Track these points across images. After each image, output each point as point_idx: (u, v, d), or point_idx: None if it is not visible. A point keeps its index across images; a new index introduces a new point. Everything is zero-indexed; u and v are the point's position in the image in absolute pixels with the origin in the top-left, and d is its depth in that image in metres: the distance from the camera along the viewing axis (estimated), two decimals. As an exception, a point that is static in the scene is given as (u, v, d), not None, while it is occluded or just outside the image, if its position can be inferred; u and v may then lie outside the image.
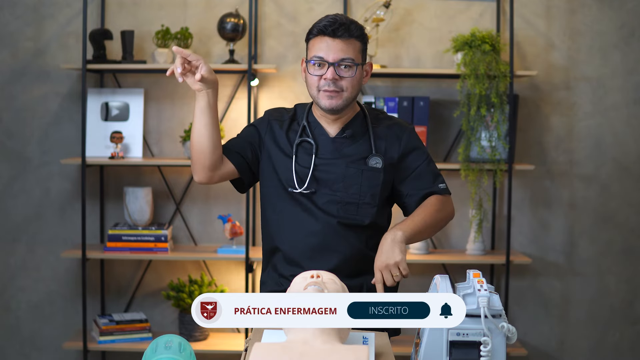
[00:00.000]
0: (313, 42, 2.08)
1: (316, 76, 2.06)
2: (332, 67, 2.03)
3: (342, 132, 2.13)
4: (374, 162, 2.11)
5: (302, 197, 2.10)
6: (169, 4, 3.65)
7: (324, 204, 2.09)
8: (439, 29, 3.68)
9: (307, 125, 2.15)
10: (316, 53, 2.05)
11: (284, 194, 2.12)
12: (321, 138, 2.13)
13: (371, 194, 2.11)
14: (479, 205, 3.51)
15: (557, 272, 3.76)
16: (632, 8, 3.68)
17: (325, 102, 2.06)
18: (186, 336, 3.48)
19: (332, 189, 2.09)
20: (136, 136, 3.59)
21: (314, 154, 2.11)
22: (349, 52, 2.04)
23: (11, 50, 3.65)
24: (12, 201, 3.69)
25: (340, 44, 2.04)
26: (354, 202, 2.10)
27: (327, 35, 2.04)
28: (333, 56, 2.04)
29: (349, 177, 2.10)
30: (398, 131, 2.17)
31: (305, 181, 2.09)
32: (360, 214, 2.10)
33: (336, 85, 2.04)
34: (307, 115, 2.17)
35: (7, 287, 3.71)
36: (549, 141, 3.72)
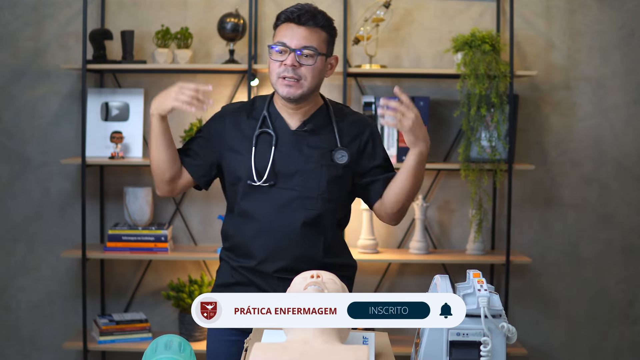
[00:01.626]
0: (279, 29, 2.06)
1: (277, 62, 2.03)
2: (293, 54, 2.01)
3: (303, 124, 2.11)
4: (339, 156, 2.09)
5: (262, 190, 2.08)
6: (169, 4, 3.65)
7: (283, 197, 2.07)
8: (439, 29, 3.68)
9: (268, 116, 2.12)
10: (279, 39, 2.04)
11: (243, 187, 2.10)
12: (281, 130, 2.11)
13: (330, 189, 2.09)
14: (479, 205, 3.51)
15: (557, 272, 3.76)
16: (632, 8, 3.68)
17: (283, 90, 2.04)
18: (186, 336, 3.48)
19: (292, 183, 2.08)
20: (136, 136, 3.59)
21: (274, 146, 2.09)
22: (312, 41, 2.03)
23: (11, 50, 3.65)
24: (12, 201, 3.69)
25: (304, 31, 2.02)
26: (313, 197, 2.08)
27: (292, 22, 2.03)
28: (296, 42, 2.02)
29: (309, 171, 2.08)
30: (361, 127, 2.16)
31: (264, 174, 2.07)
32: (319, 210, 2.08)
33: (295, 72, 2.02)
34: (268, 106, 2.14)
35: (7, 287, 3.71)
36: (549, 141, 3.72)
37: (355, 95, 3.67)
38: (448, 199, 3.72)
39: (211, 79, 3.66)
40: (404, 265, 3.73)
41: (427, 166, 3.52)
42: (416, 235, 3.58)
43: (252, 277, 2.11)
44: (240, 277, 2.13)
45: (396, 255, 3.56)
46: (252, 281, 2.11)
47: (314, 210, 2.08)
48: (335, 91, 3.64)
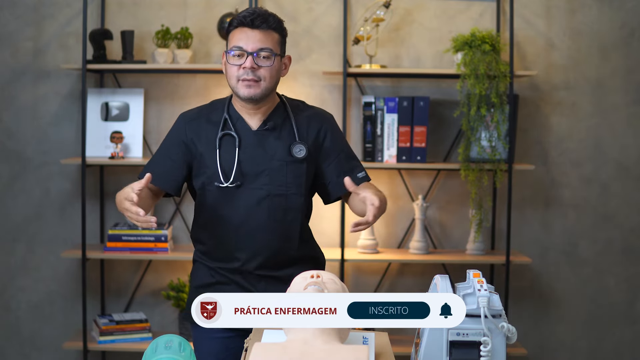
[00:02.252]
0: (233, 34, 2.11)
1: (235, 66, 2.09)
2: (251, 57, 2.07)
3: (264, 124, 2.16)
4: (297, 150, 2.14)
5: (230, 192, 2.12)
6: (169, 4, 3.65)
7: (252, 197, 2.13)
8: (439, 29, 3.68)
9: (228, 118, 2.16)
10: (235, 43, 2.09)
11: (211, 190, 2.14)
12: (243, 131, 2.16)
13: (297, 184, 2.15)
14: (479, 205, 3.51)
15: (557, 272, 3.76)
16: (632, 8, 3.68)
17: (244, 91, 2.09)
18: (186, 336, 3.48)
19: (259, 182, 2.13)
20: (136, 136, 3.59)
21: (237, 147, 2.13)
22: (267, 43, 2.09)
23: (11, 50, 3.65)
24: (12, 201, 3.69)
25: (258, 34, 2.08)
26: (282, 194, 2.14)
27: (246, 26, 2.09)
28: (252, 46, 2.07)
29: (275, 169, 2.13)
30: (319, 120, 2.21)
31: (231, 175, 2.12)
32: (289, 205, 2.14)
33: (255, 74, 2.08)
34: (228, 108, 2.18)
35: (7, 287, 3.71)
36: (549, 141, 3.72)
37: (355, 95, 3.67)
38: (448, 199, 3.72)
39: (211, 79, 3.66)
40: (404, 265, 3.73)
41: (427, 166, 3.55)
42: (416, 235, 3.58)
43: (232, 277, 2.17)
44: (220, 277, 2.18)
45: (396, 255, 3.56)
46: (232, 280, 2.17)
47: (283, 207, 2.14)
48: (335, 91, 3.64)
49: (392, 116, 3.50)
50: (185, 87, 3.67)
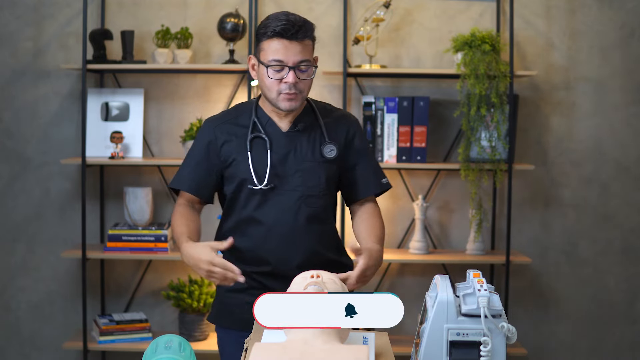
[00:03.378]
0: (268, 44, 2.05)
1: (275, 80, 2.05)
2: (293, 71, 2.04)
3: (294, 125, 2.15)
4: (328, 150, 2.14)
5: (263, 194, 2.11)
6: (169, 4, 3.65)
7: (285, 198, 2.11)
8: (439, 29, 3.68)
9: (258, 121, 2.15)
10: (274, 56, 2.03)
11: (244, 193, 2.12)
12: (274, 133, 2.14)
13: (329, 185, 2.15)
14: (479, 205, 3.51)
15: (557, 272, 3.76)
16: (632, 8, 3.69)
17: (285, 104, 2.08)
18: (186, 336, 3.48)
19: (292, 184, 2.11)
20: (136, 136, 3.59)
21: (269, 149, 2.12)
22: (305, 54, 2.06)
23: (11, 50, 3.65)
24: (12, 201, 3.69)
25: (297, 46, 2.04)
26: (315, 195, 2.13)
27: (284, 38, 2.03)
28: (293, 59, 2.04)
29: (307, 170, 2.12)
30: (346, 122, 2.21)
31: (264, 178, 2.10)
32: (322, 206, 2.14)
33: (296, 87, 2.06)
34: (256, 111, 2.17)
35: (7, 287, 3.71)
36: (549, 141, 3.72)
37: (355, 95, 3.67)
38: (448, 199, 3.72)
39: (211, 79, 3.67)
40: (404, 265, 3.73)
41: (427, 166, 3.55)
42: (416, 235, 3.58)
43: (265, 281, 2.13)
44: (251, 281, 2.13)
45: (396, 255, 3.56)
46: (265, 284, 2.13)
47: (317, 208, 2.13)
48: (335, 91, 3.64)
49: (392, 116, 3.50)
50: (185, 87, 3.68)
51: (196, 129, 3.48)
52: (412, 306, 3.72)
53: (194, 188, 2.17)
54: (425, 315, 1.69)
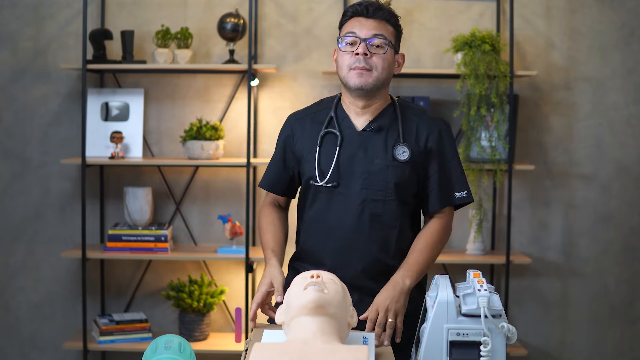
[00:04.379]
0: (346, 25, 2.06)
1: (348, 53, 2.02)
2: (364, 43, 2.00)
3: (369, 125, 2.07)
4: (400, 152, 2.04)
5: (326, 192, 2.06)
6: (169, 4, 3.65)
7: (347, 199, 2.04)
8: (439, 29, 3.68)
9: (335, 117, 2.10)
10: (349, 29, 2.03)
11: (310, 189, 2.09)
12: (347, 131, 2.08)
13: (397, 190, 2.04)
14: (479, 205, 3.51)
15: (557, 272, 3.76)
16: (632, 8, 3.68)
17: (355, 80, 2.01)
18: (186, 336, 3.48)
19: (356, 186, 2.04)
20: (136, 136, 3.59)
21: (339, 146, 2.05)
22: (381, 30, 2.03)
23: (11, 50, 3.65)
24: (12, 201, 3.69)
25: (373, 22, 2.03)
26: (379, 200, 2.03)
27: (360, 15, 2.04)
28: (365, 32, 2.02)
29: (374, 173, 2.03)
30: (430, 125, 2.09)
31: (327, 174, 2.05)
32: (386, 212, 2.04)
33: (367, 62, 2.00)
34: (336, 107, 2.12)
35: (7, 287, 3.71)
36: (549, 141, 3.72)
37: (355, 95, 3.67)
38: (448, 199, 3.72)
39: (211, 78, 3.67)
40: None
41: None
42: (416, 235, 3.57)
43: None
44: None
45: (396, 255, 3.55)
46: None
47: (380, 213, 2.04)
48: (335, 91, 3.62)
49: (392, 116, 3.50)
50: (185, 87, 3.67)
51: (196, 129, 3.48)
52: (412, 306, 3.72)
53: (272, 185, 2.17)
54: (425, 315, 1.69)
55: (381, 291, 1.96)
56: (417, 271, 2.01)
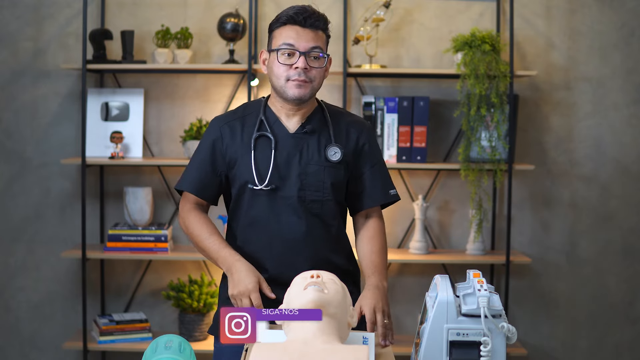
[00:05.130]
0: (280, 31, 2.03)
1: (285, 65, 2.01)
2: (304, 57, 1.99)
3: (302, 127, 2.08)
4: (332, 152, 2.07)
5: (264, 195, 2.05)
6: (169, 4, 3.65)
7: (287, 202, 2.05)
8: (439, 29, 3.68)
9: (265, 120, 2.09)
10: (285, 40, 2.00)
11: (247, 194, 2.07)
12: (280, 134, 2.08)
13: (333, 190, 2.07)
14: (479, 205, 3.51)
15: (557, 272, 3.76)
16: (632, 8, 3.68)
17: (294, 92, 2.01)
18: (186, 336, 3.48)
19: (295, 187, 2.05)
20: (136, 136, 3.59)
21: (273, 149, 2.05)
22: (318, 42, 2.02)
23: (11, 50, 3.65)
24: (12, 201, 3.69)
25: (310, 33, 2.01)
26: (317, 200, 2.06)
27: (297, 24, 2.01)
28: (304, 45, 2.00)
29: (311, 174, 2.05)
30: (358, 127, 2.14)
31: (266, 178, 2.05)
32: (325, 211, 2.07)
33: (306, 75, 2.00)
34: (264, 109, 2.11)
35: (7, 287, 3.71)
36: (549, 141, 3.72)
37: (355, 95, 3.67)
38: (448, 199, 3.72)
39: (211, 79, 3.67)
40: (404, 265, 3.73)
41: (427, 166, 3.55)
42: (416, 235, 3.57)
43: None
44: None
45: (396, 255, 3.56)
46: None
47: (319, 213, 2.06)
48: (335, 91, 3.63)
49: (392, 116, 3.50)
50: (185, 87, 3.68)
51: (196, 129, 3.48)
52: (412, 306, 3.72)
53: (198, 189, 2.11)
54: (425, 315, 1.69)
55: (365, 294, 1.98)
56: (386, 272, 2.08)
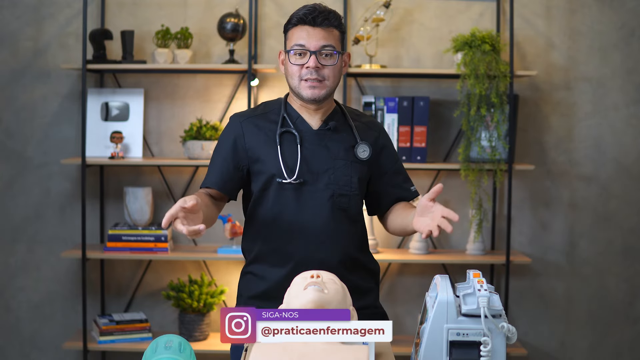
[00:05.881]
0: (292, 32, 2.05)
1: (297, 65, 2.02)
2: (314, 55, 2.00)
3: (325, 124, 2.09)
4: (361, 150, 2.08)
5: (291, 190, 2.04)
6: (169, 4, 3.65)
7: (315, 195, 2.05)
8: (439, 29, 3.68)
9: (287, 117, 2.09)
10: (297, 41, 2.02)
11: (272, 188, 2.06)
12: (304, 129, 2.08)
13: (360, 186, 2.09)
14: (479, 205, 3.51)
15: (557, 272, 3.76)
16: (632, 8, 3.69)
17: (308, 92, 2.02)
18: (186, 336, 3.48)
19: (323, 181, 2.05)
20: (136, 136, 3.59)
21: (299, 144, 2.06)
22: (329, 40, 2.02)
23: (11, 50, 3.65)
24: (12, 201, 3.69)
25: (320, 32, 2.02)
26: (345, 194, 2.07)
27: (307, 24, 2.02)
28: (314, 44, 2.01)
29: (339, 168, 2.06)
30: (376, 127, 2.18)
31: (295, 171, 2.04)
32: (352, 206, 2.08)
33: (318, 74, 2.01)
34: (285, 107, 2.11)
35: (7, 287, 3.71)
36: (549, 141, 3.72)
37: (355, 95, 3.67)
38: (448, 199, 3.72)
39: (211, 79, 3.67)
40: (404, 265, 3.73)
41: (427, 166, 3.55)
42: (416, 235, 3.57)
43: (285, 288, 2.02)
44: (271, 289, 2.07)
45: (396, 255, 3.56)
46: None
47: (347, 208, 2.07)
48: (336, 91, 3.63)
49: (392, 116, 3.50)
50: (185, 87, 3.68)
51: (196, 129, 3.48)
52: (412, 306, 3.72)
53: (220, 184, 2.09)
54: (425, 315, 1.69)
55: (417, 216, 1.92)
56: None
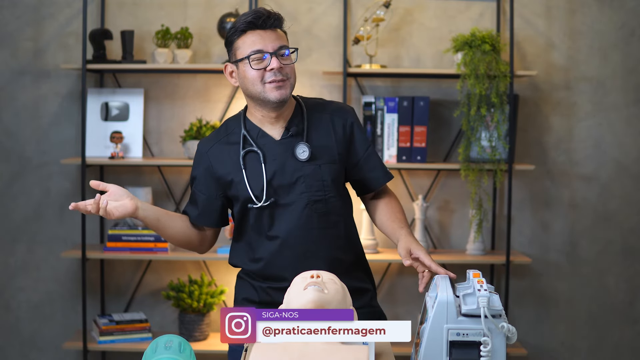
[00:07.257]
0: (243, 40, 2.00)
1: (259, 70, 1.98)
2: (275, 56, 1.98)
3: (286, 131, 2.05)
4: (300, 151, 2.03)
5: (268, 209, 2.03)
6: (169, 4, 3.65)
7: (291, 209, 2.03)
8: (439, 29, 3.68)
9: (247, 134, 2.06)
10: (252, 47, 1.98)
11: (249, 212, 2.06)
12: (266, 145, 2.05)
13: (334, 186, 2.06)
14: (479, 205, 3.51)
15: (557, 272, 3.76)
16: (632, 8, 3.68)
17: (275, 94, 1.99)
18: (186, 336, 3.48)
19: (296, 192, 2.03)
20: (136, 136, 3.59)
21: (263, 162, 2.03)
22: (282, 40, 2.02)
23: (11, 50, 3.65)
24: (12, 201, 3.69)
25: (272, 33, 2.00)
26: (321, 199, 2.04)
27: (258, 29, 1.99)
28: (271, 45, 1.99)
29: (309, 174, 2.03)
30: (342, 115, 2.12)
31: (262, 195, 2.02)
32: (329, 209, 2.05)
33: (282, 73, 1.99)
34: (244, 123, 2.08)
35: (7, 287, 3.71)
36: (549, 141, 3.72)
37: (355, 95, 3.67)
38: (448, 199, 3.72)
39: (211, 79, 3.67)
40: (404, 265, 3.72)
41: (427, 166, 3.55)
42: (416, 235, 3.57)
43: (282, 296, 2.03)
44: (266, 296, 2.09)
45: (396, 255, 3.55)
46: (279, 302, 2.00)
47: (325, 212, 2.05)
48: (335, 91, 3.64)
49: (392, 116, 3.50)
50: (185, 87, 3.68)
51: (196, 129, 3.48)
52: (412, 306, 3.72)
53: (206, 219, 2.12)
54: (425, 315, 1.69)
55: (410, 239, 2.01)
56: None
